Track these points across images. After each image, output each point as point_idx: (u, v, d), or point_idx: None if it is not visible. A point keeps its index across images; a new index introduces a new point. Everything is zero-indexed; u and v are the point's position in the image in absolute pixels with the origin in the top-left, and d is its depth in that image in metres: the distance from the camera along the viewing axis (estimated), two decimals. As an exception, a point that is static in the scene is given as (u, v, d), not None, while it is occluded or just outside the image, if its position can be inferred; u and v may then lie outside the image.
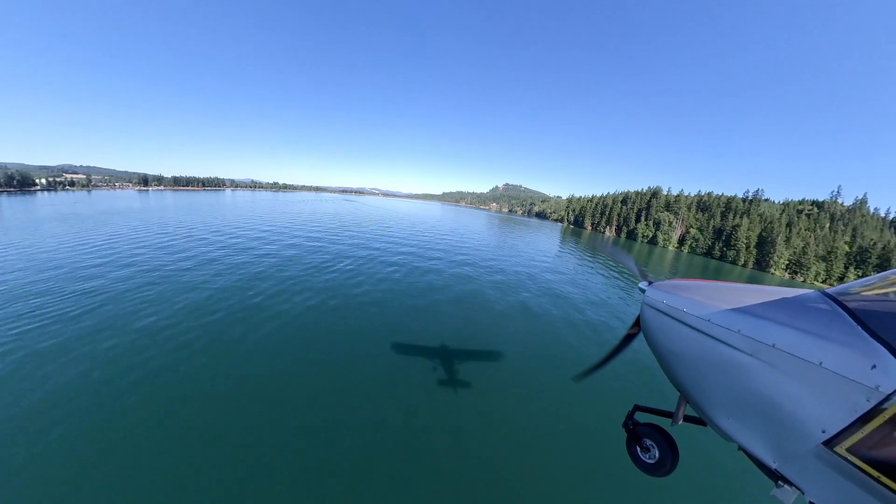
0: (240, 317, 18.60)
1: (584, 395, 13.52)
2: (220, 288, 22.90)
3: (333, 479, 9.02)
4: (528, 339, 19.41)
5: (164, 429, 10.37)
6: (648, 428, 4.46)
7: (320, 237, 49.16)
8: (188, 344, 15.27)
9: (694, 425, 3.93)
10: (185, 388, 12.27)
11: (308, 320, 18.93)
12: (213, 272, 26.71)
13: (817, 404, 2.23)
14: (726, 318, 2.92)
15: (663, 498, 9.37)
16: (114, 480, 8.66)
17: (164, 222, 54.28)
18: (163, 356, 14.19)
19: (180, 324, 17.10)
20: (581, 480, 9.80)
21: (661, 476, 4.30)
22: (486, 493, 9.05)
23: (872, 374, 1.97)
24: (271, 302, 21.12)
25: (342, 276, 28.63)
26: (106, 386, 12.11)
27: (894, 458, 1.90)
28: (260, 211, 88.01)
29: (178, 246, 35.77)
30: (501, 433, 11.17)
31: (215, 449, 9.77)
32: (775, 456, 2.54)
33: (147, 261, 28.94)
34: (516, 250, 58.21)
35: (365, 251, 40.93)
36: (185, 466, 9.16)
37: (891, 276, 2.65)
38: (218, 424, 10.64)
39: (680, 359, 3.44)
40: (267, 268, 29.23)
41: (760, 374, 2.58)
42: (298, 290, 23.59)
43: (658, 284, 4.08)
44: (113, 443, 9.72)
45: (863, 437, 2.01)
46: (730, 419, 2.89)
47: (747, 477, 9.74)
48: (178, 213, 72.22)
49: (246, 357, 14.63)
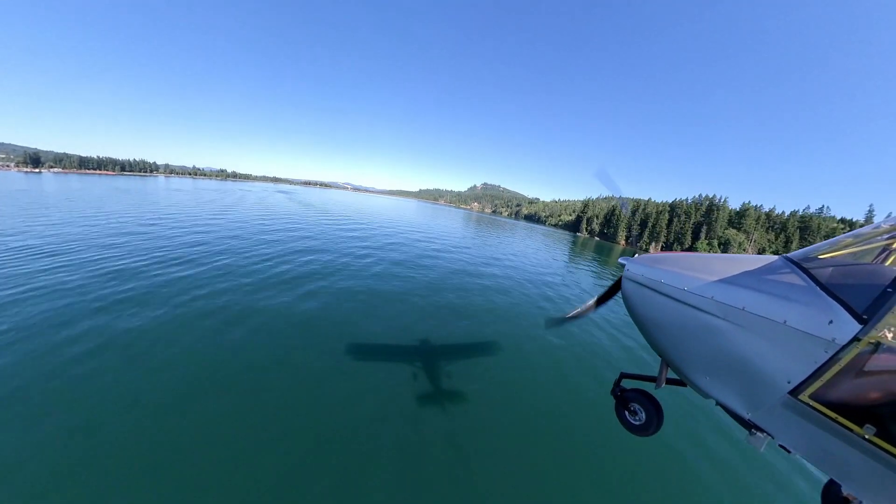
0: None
1: (573, 375, 12.95)
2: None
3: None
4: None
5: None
6: (634, 393, 4.79)
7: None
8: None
9: (675, 386, 4.29)
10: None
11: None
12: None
13: (783, 358, 2.51)
14: (700, 287, 3.16)
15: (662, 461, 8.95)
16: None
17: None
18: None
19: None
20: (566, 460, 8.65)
21: (649, 436, 4.65)
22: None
23: (829, 329, 2.25)
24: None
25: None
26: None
27: (848, 401, 2.22)
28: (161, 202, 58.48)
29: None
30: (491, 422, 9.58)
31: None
32: (748, 407, 2.80)
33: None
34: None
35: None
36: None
37: (843, 239, 3.02)
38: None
39: (660, 326, 3.69)
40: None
41: (732, 335, 2.84)
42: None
43: (637, 258, 4.31)
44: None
45: (822, 385, 2.29)
46: (707, 378, 3.15)
47: (725, 430, 10.31)
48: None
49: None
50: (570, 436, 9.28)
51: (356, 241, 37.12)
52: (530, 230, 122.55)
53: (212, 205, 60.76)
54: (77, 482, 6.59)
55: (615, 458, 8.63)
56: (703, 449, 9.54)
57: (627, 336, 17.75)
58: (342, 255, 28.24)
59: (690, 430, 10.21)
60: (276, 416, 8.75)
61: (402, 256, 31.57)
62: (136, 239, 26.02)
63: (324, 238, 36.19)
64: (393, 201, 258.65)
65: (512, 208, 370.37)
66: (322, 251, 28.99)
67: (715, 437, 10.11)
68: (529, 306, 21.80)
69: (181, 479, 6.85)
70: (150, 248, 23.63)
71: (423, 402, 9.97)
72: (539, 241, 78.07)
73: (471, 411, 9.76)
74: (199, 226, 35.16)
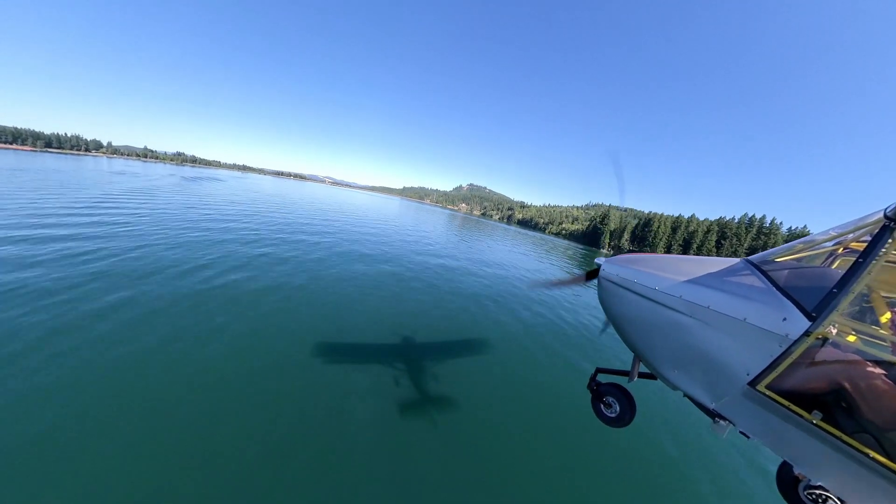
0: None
1: (550, 379, 12.31)
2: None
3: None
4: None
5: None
6: (609, 386, 5.03)
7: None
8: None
9: (647, 380, 4.56)
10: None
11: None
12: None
13: (743, 353, 2.75)
14: (670, 287, 3.38)
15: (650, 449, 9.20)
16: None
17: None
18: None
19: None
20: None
21: (622, 427, 4.90)
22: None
23: (783, 325, 2.50)
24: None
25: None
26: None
27: (799, 390, 2.46)
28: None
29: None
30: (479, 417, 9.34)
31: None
32: (712, 398, 3.02)
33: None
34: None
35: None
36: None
37: (796, 245, 3.29)
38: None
39: (632, 323, 3.89)
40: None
41: (698, 332, 3.07)
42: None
43: (612, 259, 4.48)
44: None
45: (777, 376, 2.52)
46: (675, 371, 3.36)
47: (692, 419, 10.60)
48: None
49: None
50: (547, 430, 9.14)
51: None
52: (540, 241, 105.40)
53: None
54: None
55: (595, 448, 8.67)
56: (673, 436, 9.84)
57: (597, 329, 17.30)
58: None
59: (663, 419, 10.47)
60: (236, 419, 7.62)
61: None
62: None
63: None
64: (374, 199, 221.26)
65: (503, 212, 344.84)
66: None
67: (684, 426, 10.36)
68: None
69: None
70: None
71: (409, 402, 9.41)
72: (561, 257, 64.66)
73: (463, 410, 9.38)
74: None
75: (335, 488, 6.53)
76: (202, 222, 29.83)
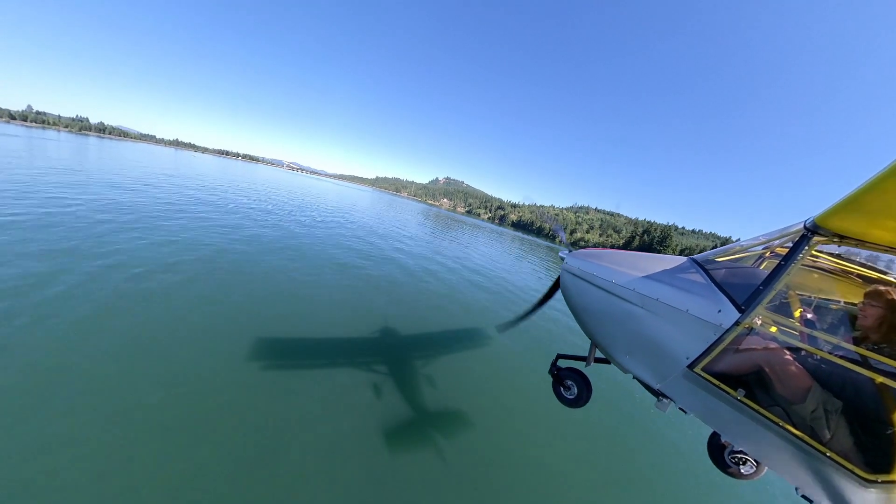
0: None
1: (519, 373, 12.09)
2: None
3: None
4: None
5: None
6: (568, 371, 5.41)
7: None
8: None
9: (602, 364, 4.96)
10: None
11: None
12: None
13: (684, 339, 3.10)
14: (626, 280, 3.72)
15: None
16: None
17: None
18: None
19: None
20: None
21: (579, 407, 5.32)
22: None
23: (718, 316, 2.87)
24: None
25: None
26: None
27: (728, 371, 2.84)
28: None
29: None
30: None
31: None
32: (657, 379, 3.38)
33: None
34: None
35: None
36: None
37: (734, 247, 3.69)
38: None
39: (590, 313, 4.26)
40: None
41: (648, 321, 3.42)
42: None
43: (575, 253, 4.79)
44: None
45: (710, 360, 2.89)
46: (627, 356, 3.73)
47: (638, 398, 11.58)
48: None
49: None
50: (509, 425, 9.08)
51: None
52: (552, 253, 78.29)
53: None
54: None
55: (558, 426, 9.21)
56: (622, 414, 10.83)
57: (564, 324, 17.96)
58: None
59: (611, 401, 11.33)
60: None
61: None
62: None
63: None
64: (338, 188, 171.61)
65: (493, 211, 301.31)
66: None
67: (631, 405, 11.41)
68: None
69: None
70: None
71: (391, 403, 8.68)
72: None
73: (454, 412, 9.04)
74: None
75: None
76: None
